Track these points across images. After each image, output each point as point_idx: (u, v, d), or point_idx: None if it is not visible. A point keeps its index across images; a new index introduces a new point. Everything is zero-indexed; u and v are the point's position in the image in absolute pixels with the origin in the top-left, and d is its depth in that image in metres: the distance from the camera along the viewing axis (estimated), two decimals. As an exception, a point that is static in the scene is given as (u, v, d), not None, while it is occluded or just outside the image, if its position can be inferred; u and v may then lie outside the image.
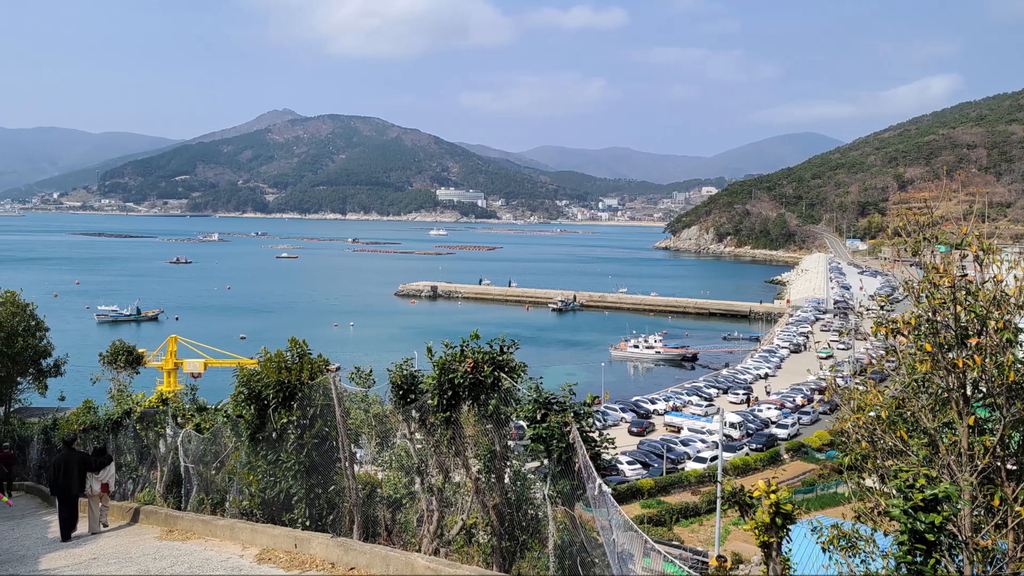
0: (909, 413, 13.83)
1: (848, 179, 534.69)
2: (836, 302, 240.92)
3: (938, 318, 13.00)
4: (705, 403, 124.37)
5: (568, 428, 13.76)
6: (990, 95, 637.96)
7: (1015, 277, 12.73)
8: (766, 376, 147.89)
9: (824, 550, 12.53)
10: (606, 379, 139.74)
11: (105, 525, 29.03)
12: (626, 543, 13.04)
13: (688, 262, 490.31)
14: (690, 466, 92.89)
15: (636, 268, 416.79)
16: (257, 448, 21.08)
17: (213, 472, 26.73)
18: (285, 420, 19.63)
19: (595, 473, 12.94)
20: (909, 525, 10.52)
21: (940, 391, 13.13)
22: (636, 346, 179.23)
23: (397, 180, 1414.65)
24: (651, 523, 71.55)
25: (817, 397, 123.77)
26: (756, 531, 11.33)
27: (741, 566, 59.96)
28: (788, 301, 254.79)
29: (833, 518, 15.21)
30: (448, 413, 16.06)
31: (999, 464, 12.45)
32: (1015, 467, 12.64)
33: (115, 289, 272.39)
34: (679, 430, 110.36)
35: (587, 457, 13.19)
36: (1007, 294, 12.67)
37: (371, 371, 20.29)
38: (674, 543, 66.16)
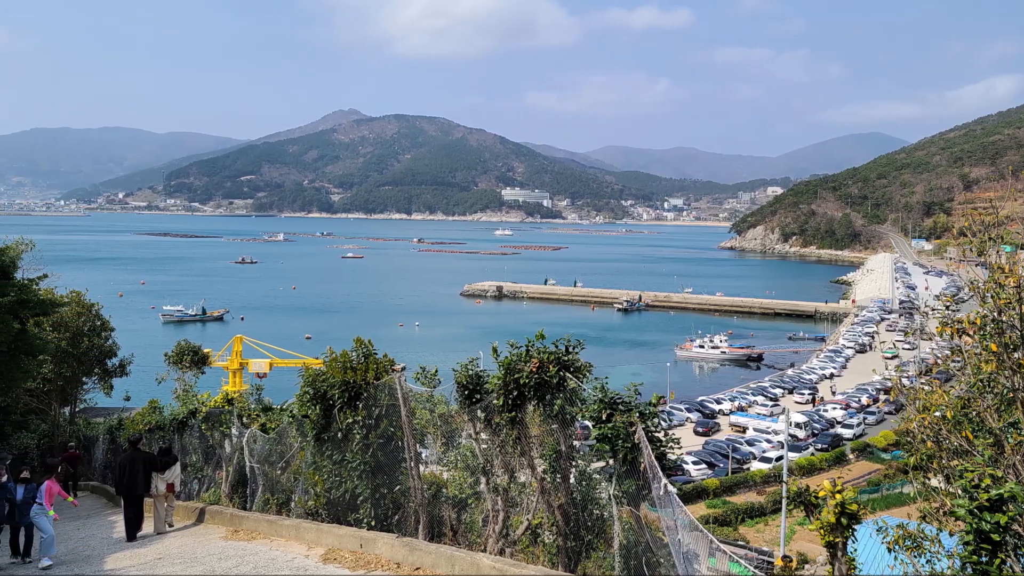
0: (974, 413, 13.79)
1: (913, 179, 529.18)
2: (901, 302, 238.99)
3: (1004, 318, 12.95)
4: (770, 403, 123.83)
5: (633, 428, 13.79)
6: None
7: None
8: (831, 376, 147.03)
9: (890, 550, 12.52)
10: (671, 379, 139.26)
11: (170, 525, 29.30)
12: (691, 543, 13.06)
13: (753, 262, 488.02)
14: (755, 466, 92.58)
15: (701, 268, 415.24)
16: (322, 448, 21.22)
17: (278, 472, 26.89)
18: (351, 420, 19.72)
19: (660, 473, 12.97)
20: (974, 525, 10.50)
21: (1006, 391, 13.09)
22: (701, 346, 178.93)
23: (462, 180, 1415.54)
24: (716, 523, 71.40)
25: (882, 397, 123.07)
26: (822, 531, 11.35)
27: (807, 566, 59.73)
28: (853, 301, 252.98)
29: (898, 518, 15.18)
30: (513, 413, 16.11)
31: (1065, 464, 12.40)
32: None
33: (181, 289, 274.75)
34: (744, 430, 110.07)
35: (652, 457, 13.21)
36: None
37: (436, 371, 20.32)
38: (740, 543, 66.03)
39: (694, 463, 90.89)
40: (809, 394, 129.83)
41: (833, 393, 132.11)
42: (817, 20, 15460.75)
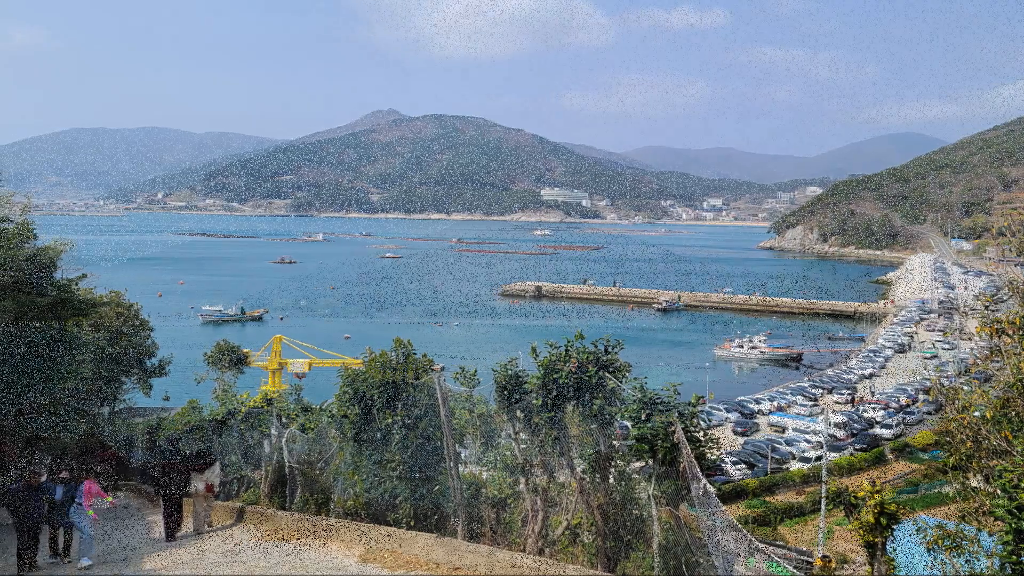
0: (1014, 413, 13.75)
1: (952, 179, 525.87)
2: (941, 302, 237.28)
3: (1043, 318, 12.91)
4: (809, 403, 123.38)
5: (673, 428, 13.82)
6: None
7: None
8: (871, 376, 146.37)
9: (928, 550, 12.52)
10: (710, 379, 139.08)
11: (209, 525, 29.38)
12: (730, 543, 13.08)
13: (792, 262, 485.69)
14: (794, 466, 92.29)
15: (740, 268, 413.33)
16: (362, 448, 21.32)
17: (318, 472, 27.02)
18: (390, 420, 19.81)
19: (700, 473, 13.01)
20: (1013, 525, 10.49)
21: (1046, 392, 13.04)
22: (740, 346, 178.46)
23: (501, 180, 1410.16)
24: (755, 523, 71.22)
25: (922, 397, 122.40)
26: (861, 531, 11.40)
27: (845, 566, 59.56)
28: (893, 301, 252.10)
29: (937, 518, 15.16)
30: (553, 413, 16.15)
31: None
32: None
33: (219, 289, 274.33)
34: (783, 430, 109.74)
35: (692, 457, 13.24)
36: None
37: (475, 371, 20.40)
38: (778, 543, 65.82)
39: (733, 463, 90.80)
40: (848, 394, 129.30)
41: (872, 393, 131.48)
42: (854, 20, 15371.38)
